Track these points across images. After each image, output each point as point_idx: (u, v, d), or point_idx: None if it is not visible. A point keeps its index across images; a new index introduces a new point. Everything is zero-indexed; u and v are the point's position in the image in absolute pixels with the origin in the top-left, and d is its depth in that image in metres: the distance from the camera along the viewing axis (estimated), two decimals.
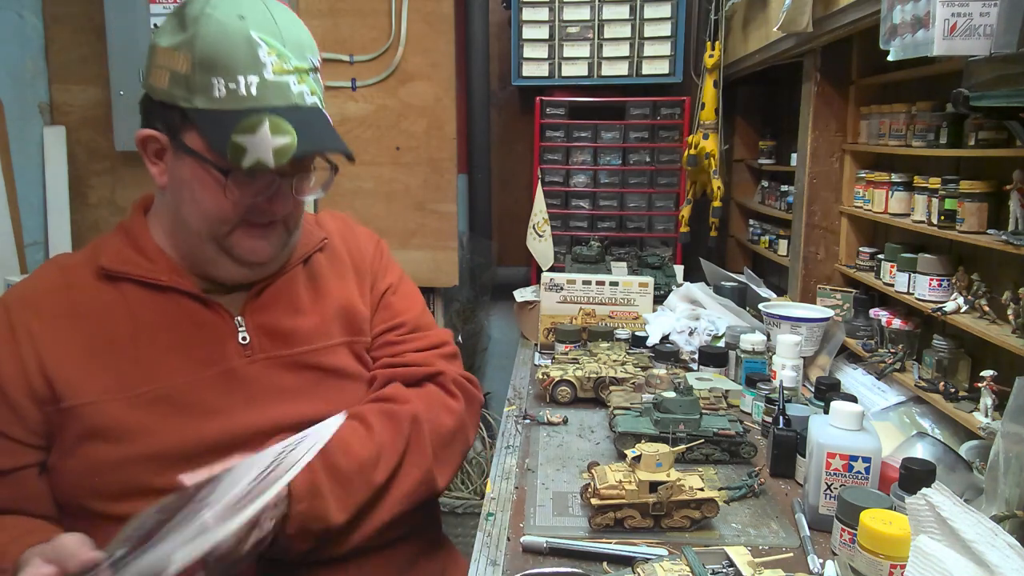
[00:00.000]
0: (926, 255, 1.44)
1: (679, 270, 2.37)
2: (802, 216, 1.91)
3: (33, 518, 0.97)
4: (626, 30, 2.51)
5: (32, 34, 2.37)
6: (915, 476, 0.93)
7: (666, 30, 2.49)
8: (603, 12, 2.50)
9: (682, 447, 1.18)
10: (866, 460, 1.02)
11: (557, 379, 1.53)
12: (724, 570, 0.89)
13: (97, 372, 0.97)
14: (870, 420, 1.19)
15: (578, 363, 1.58)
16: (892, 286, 1.54)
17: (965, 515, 0.74)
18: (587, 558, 0.98)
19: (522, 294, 2.14)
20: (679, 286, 2.06)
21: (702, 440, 1.25)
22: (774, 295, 2.04)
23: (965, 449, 1.19)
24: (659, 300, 2.00)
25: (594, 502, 1.03)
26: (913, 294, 1.46)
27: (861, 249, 1.76)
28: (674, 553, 0.96)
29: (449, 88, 2.38)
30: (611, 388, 1.46)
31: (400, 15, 2.34)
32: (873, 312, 1.64)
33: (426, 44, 2.36)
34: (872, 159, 1.78)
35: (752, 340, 1.57)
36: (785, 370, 1.46)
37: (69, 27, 2.40)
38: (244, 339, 1.05)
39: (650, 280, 1.90)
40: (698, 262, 2.29)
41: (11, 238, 2.21)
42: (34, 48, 2.39)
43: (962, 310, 1.32)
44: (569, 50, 2.54)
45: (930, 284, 1.41)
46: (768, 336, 1.63)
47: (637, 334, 1.74)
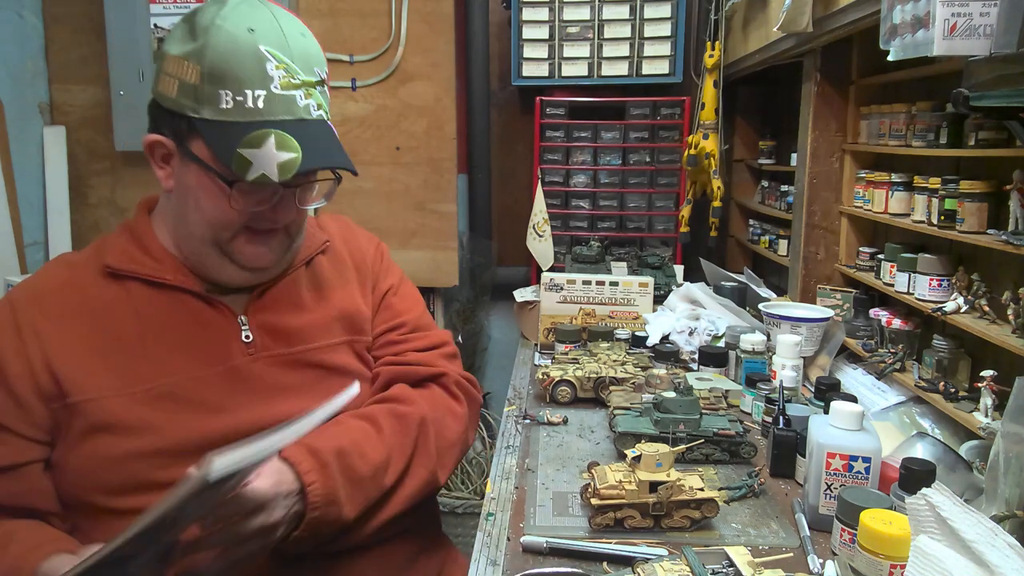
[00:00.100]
0: (926, 255, 1.44)
1: (679, 270, 2.37)
2: (802, 216, 1.91)
3: (50, 527, 0.98)
4: (626, 30, 2.51)
5: (32, 34, 2.38)
6: (915, 476, 0.93)
7: (666, 30, 2.49)
8: (603, 12, 2.50)
9: (682, 447, 1.18)
10: (866, 460, 1.02)
11: (557, 379, 1.53)
12: (724, 570, 0.89)
13: (102, 369, 0.99)
14: (870, 420, 1.18)
15: (578, 363, 1.58)
16: (892, 286, 1.54)
17: (965, 515, 0.74)
18: (587, 558, 0.98)
19: (522, 294, 2.14)
20: (679, 286, 2.06)
21: (702, 440, 1.25)
22: (774, 295, 2.04)
23: (965, 449, 1.19)
24: (659, 300, 2.00)
25: (594, 502, 1.03)
26: (913, 294, 1.46)
27: (861, 249, 1.76)
28: (674, 553, 0.96)
29: (449, 88, 2.38)
30: (611, 388, 1.46)
31: (400, 15, 2.34)
32: (873, 312, 1.64)
33: (426, 44, 2.36)
34: (872, 159, 1.78)
35: (752, 340, 1.57)
36: (785, 370, 1.46)
37: (69, 27, 2.40)
38: (247, 337, 1.07)
39: (650, 280, 1.90)
40: (698, 262, 2.29)
41: (11, 238, 2.21)
42: (34, 48, 2.39)
43: (962, 310, 1.32)
44: (569, 50, 2.54)
45: (930, 284, 1.41)
46: (768, 336, 1.63)
47: (637, 334, 1.74)
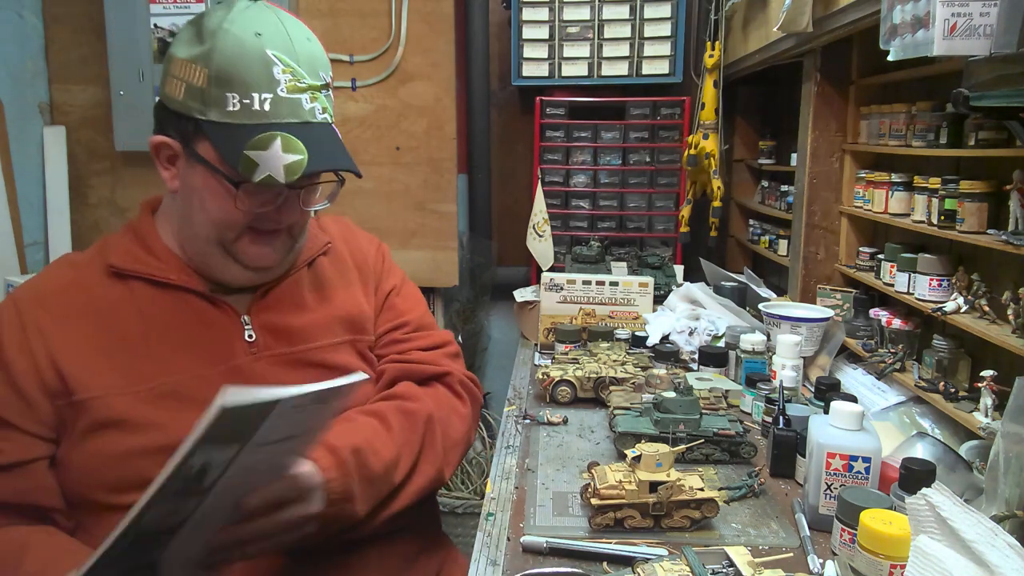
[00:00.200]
0: (926, 255, 1.44)
1: (679, 270, 2.37)
2: (802, 216, 1.90)
3: (62, 536, 0.98)
4: (626, 30, 2.51)
5: (32, 34, 2.37)
6: (915, 476, 0.93)
7: (666, 30, 2.49)
8: (603, 12, 2.50)
9: (682, 447, 1.18)
10: (866, 460, 1.02)
11: (557, 379, 1.53)
12: (724, 570, 0.89)
13: (107, 367, 0.99)
14: (870, 420, 1.18)
15: (578, 363, 1.58)
16: (892, 286, 1.54)
17: (965, 515, 0.74)
18: (587, 558, 0.98)
19: (522, 294, 2.14)
20: (679, 286, 2.06)
21: (702, 440, 1.25)
22: (774, 295, 2.04)
23: (965, 449, 1.19)
24: (659, 300, 2.00)
25: (594, 502, 1.03)
26: (913, 294, 1.46)
27: (861, 249, 1.76)
28: (674, 553, 0.96)
29: (449, 88, 2.38)
30: (611, 388, 1.46)
31: (400, 15, 2.34)
32: (873, 312, 1.64)
33: (426, 44, 2.36)
34: (872, 159, 1.78)
35: (752, 340, 1.57)
36: (785, 370, 1.46)
37: (69, 27, 2.40)
38: (250, 337, 1.08)
39: (650, 280, 1.90)
40: (698, 262, 2.29)
41: (11, 238, 2.21)
42: (34, 48, 2.39)
43: (962, 310, 1.32)
44: (569, 50, 2.54)
45: (930, 284, 1.41)
46: (768, 336, 1.63)
47: (637, 334, 1.74)
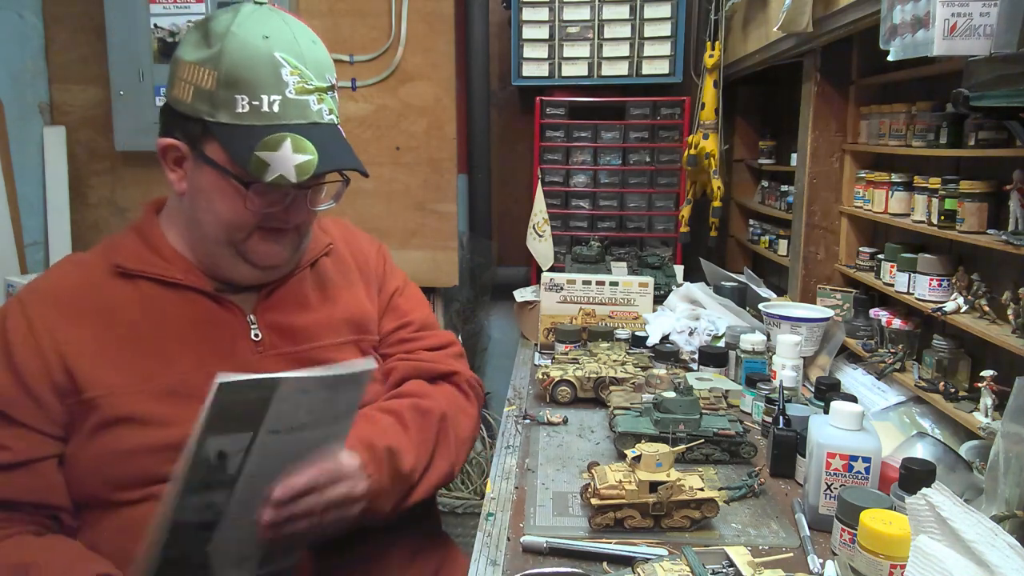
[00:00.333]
0: (926, 255, 1.44)
1: (679, 270, 2.37)
2: (802, 216, 1.90)
3: (74, 544, 0.98)
4: (626, 30, 2.51)
5: (32, 34, 2.37)
6: (915, 476, 0.93)
7: (666, 30, 2.49)
8: (603, 12, 2.50)
9: (682, 447, 1.18)
10: (866, 460, 1.02)
11: (557, 379, 1.53)
12: (724, 570, 0.89)
13: (116, 365, 1.00)
14: (870, 420, 1.18)
15: (578, 363, 1.58)
16: (892, 286, 1.54)
17: (965, 515, 0.74)
18: (587, 558, 0.98)
19: (522, 294, 2.14)
20: (679, 286, 2.06)
21: (702, 440, 1.24)
22: (774, 295, 2.04)
23: (965, 449, 1.19)
24: (659, 300, 2.00)
25: (594, 502, 1.03)
26: (913, 294, 1.46)
27: (861, 249, 1.76)
28: (674, 553, 0.96)
29: (449, 88, 2.38)
30: (611, 388, 1.46)
31: (400, 15, 2.34)
32: (873, 312, 1.64)
33: (426, 44, 2.36)
34: (872, 159, 1.78)
35: (752, 340, 1.57)
36: (785, 370, 1.46)
37: (69, 27, 2.40)
38: (256, 336, 1.09)
39: (650, 280, 1.90)
40: (698, 262, 2.29)
41: (11, 238, 2.21)
42: (34, 48, 2.38)
43: (962, 310, 1.32)
44: (569, 50, 2.54)
45: (930, 284, 1.41)
46: (768, 336, 1.62)
47: (637, 334, 1.74)
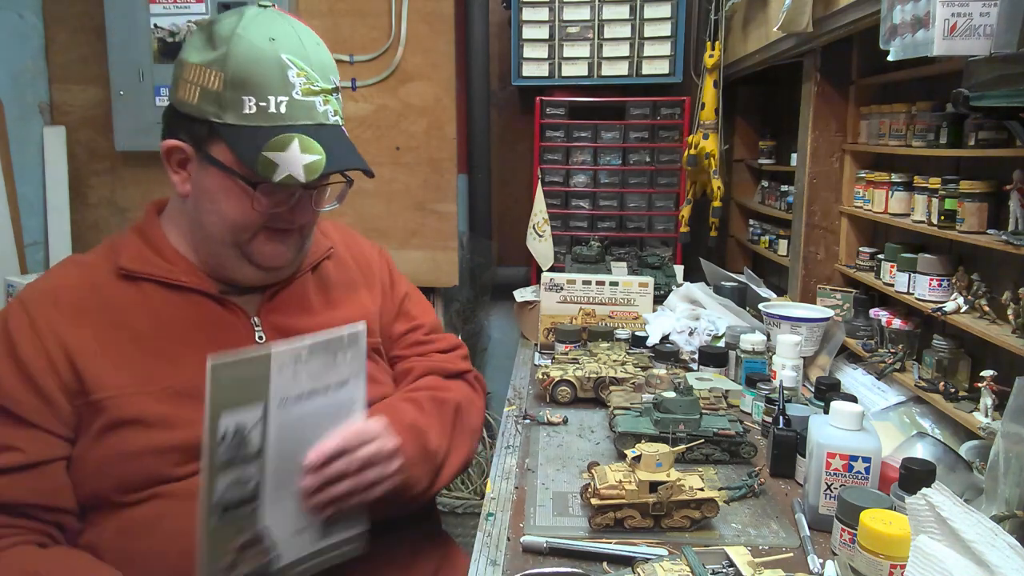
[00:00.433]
0: (926, 255, 1.44)
1: (679, 270, 2.37)
2: (802, 216, 1.90)
3: (83, 558, 0.97)
4: (626, 30, 2.51)
5: (32, 34, 2.37)
6: (915, 476, 0.93)
7: (666, 30, 2.49)
8: (603, 12, 2.50)
9: (682, 447, 1.18)
10: (866, 460, 1.02)
11: (557, 379, 1.53)
12: (724, 570, 0.89)
13: (121, 366, 1.00)
14: (870, 420, 1.18)
15: (578, 363, 1.58)
16: (892, 286, 1.54)
17: (965, 515, 0.74)
18: (587, 558, 0.98)
19: (522, 294, 2.14)
20: (679, 286, 2.06)
21: (702, 440, 1.25)
22: (774, 295, 2.04)
23: (965, 449, 1.19)
24: (659, 300, 2.00)
25: (594, 502, 1.03)
26: (913, 294, 1.46)
27: (861, 249, 1.76)
28: (674, 553, 0.96)
29: (449, 88, 2.38)
30: (611, 388, 1.46)
31: (400, 15, 2.34)
32: (873, 312, 1.64)
33: (426, 44, 2.36)
34: (872, 159, 1.78)
35: (752, 340, 1.57)
36: (785, 370, 1.46)
37: (69, 27, 2.40)
38: (260, 338, 1.09)
39: (650, 280, 1.90)
40: (698, 262, 2.29)
41: (11, 238, 2.21)
42: (34, 48, 2.38)
43: (962, 310, 1.32)
44: (569, 50, 2.54)
45: (930, 284, 1.41)
46: (768, 336, 1.63)
47: (637, 334, 1.74)
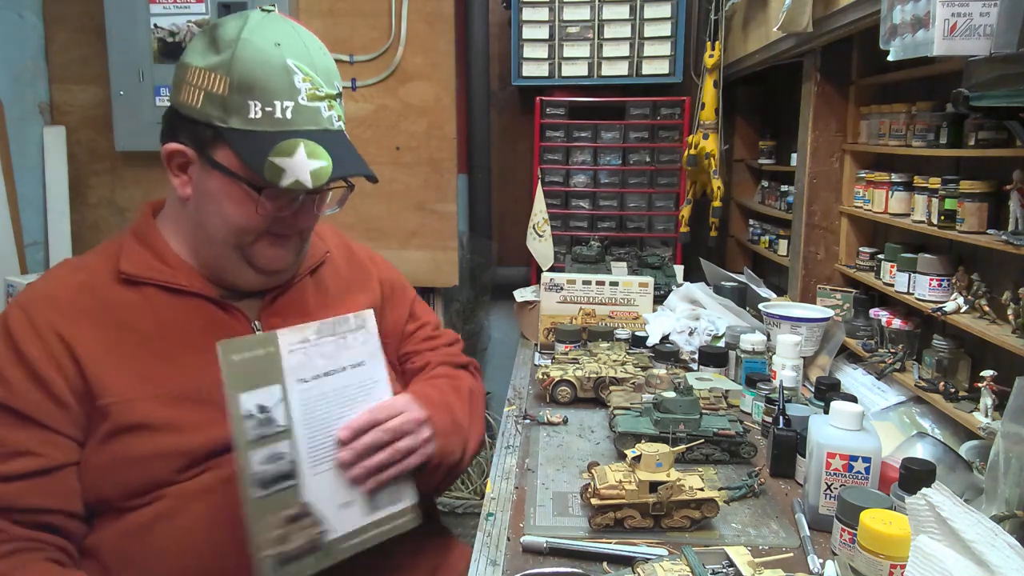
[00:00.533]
0: (926, 255, 1.44)
1: (679, 270, 2.37)
2: (802, 216, 1.90)
3: None
4: (626, 30, 2.51)
5: (32, 34, 2.37)
6: (915, 476, 0.93)
7: (666, 30, 2.49)
8: (603, 12, 2.50)
9: (682, 447, 1.18)
10: (866, 460, 1.02)
11: (557, 379, 1.53)
12: (724, 570, 0.89)
13: (124, 369, 0.99)
14: (870, 420, 1.18)
15: (578, 363, 1.58)
16: (892, 286, 1.54)
17: (965, 515, 0.74)
18: (587, 558, 0.98)
19: (522, 294, 2.14)
20: (679, 286, 2.06)
21: (702, 440, 1.25)
22: (774, 295, 2.04)
23: (965, 449, 1.19)
24: (659, 300, 2.00)
25: (594, 502, 1.03)
26: (913, 294, 1.46)
27: (861, 249, 1.76)
28: (674, 553, 0.96)
29: (449, 88, 2.38)
30: (611, 388, 1.46)
31: (400, 15, 2.34)
32: (873, 312, 1.64)
33: (426, 44, 2.36)
34: (872, 159, 1.78)
35: (752, 340, 1.57)
36: (785, 370, 1.46)
37: (69, 27, 2.40)
38: None
39: (650, 280, 1.90)
40: (698, 262, 2.29)
41: (11, 238, 2.21)
42: (34, 48, 2.39)
43: (962, 310, 1.32)
44: (569, 50, 2.54)
45: (930, 284, 1.41)
46: (768, 336, 1.62)
47: (637, 334, 1.74)
